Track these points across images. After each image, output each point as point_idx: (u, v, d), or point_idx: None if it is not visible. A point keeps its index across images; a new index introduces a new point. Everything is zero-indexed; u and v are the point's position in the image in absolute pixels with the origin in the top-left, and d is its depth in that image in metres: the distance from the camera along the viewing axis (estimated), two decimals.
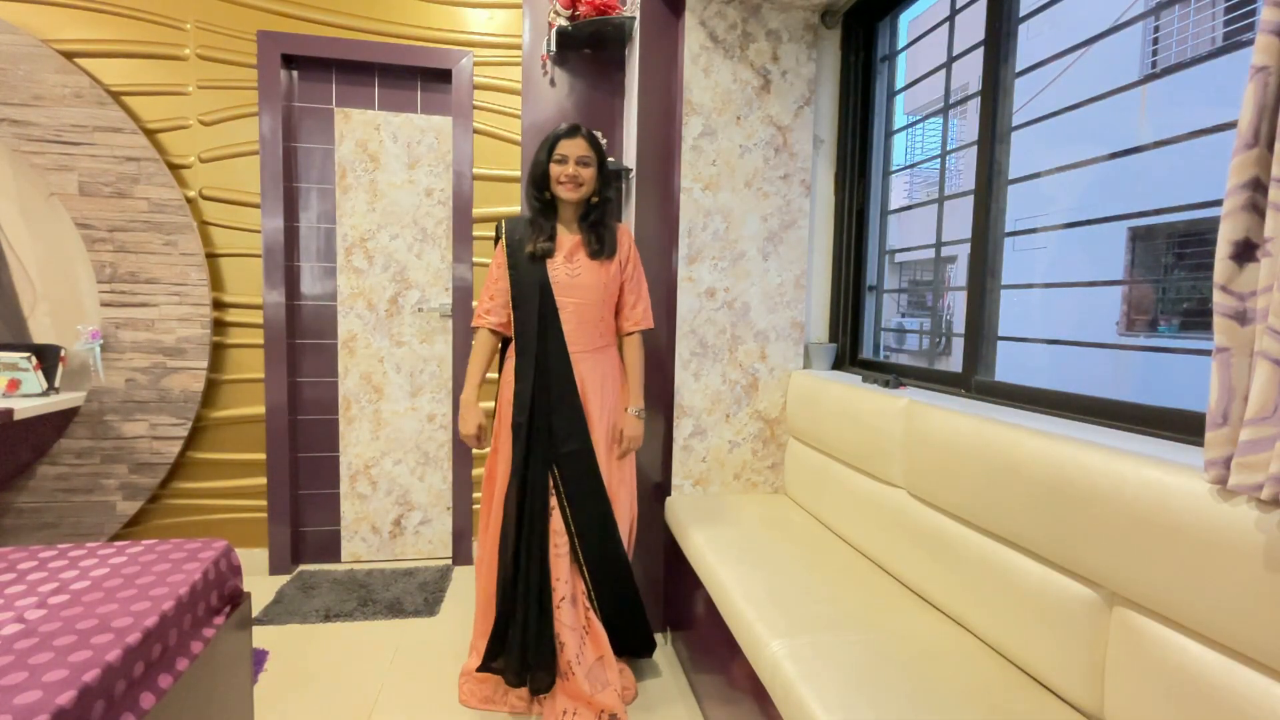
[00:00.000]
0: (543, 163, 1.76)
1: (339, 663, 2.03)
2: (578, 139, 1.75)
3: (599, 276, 1.78)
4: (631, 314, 1.85)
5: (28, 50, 2.31)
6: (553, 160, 1.75)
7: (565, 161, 1.74)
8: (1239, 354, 0.81)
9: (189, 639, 1.25)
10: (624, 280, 1.83)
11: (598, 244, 1.78)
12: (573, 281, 1.76)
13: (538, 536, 1.73)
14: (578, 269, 1.77)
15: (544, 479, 1.74)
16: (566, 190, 1.74)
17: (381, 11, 2.58)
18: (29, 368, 2.23)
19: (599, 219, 1.81)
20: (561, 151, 1.74)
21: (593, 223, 1.81)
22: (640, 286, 1.87)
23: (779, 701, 1.17)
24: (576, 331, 1.77)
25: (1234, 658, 0.83)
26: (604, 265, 1.78)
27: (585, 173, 1.75)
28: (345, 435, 2.74)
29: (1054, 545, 1.09)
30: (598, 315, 1.79)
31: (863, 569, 1.62)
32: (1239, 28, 6.14)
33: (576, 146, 1.74)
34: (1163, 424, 1.17)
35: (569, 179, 1.74)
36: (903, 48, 2.19)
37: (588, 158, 1.75)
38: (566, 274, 1.76)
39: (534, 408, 1.73)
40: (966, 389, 1.67)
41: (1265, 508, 0.78)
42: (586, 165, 1.75)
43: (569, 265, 1.77)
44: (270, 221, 2.55)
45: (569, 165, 1.73)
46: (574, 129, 1.76)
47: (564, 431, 1.74)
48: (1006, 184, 1.61)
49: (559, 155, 1.74)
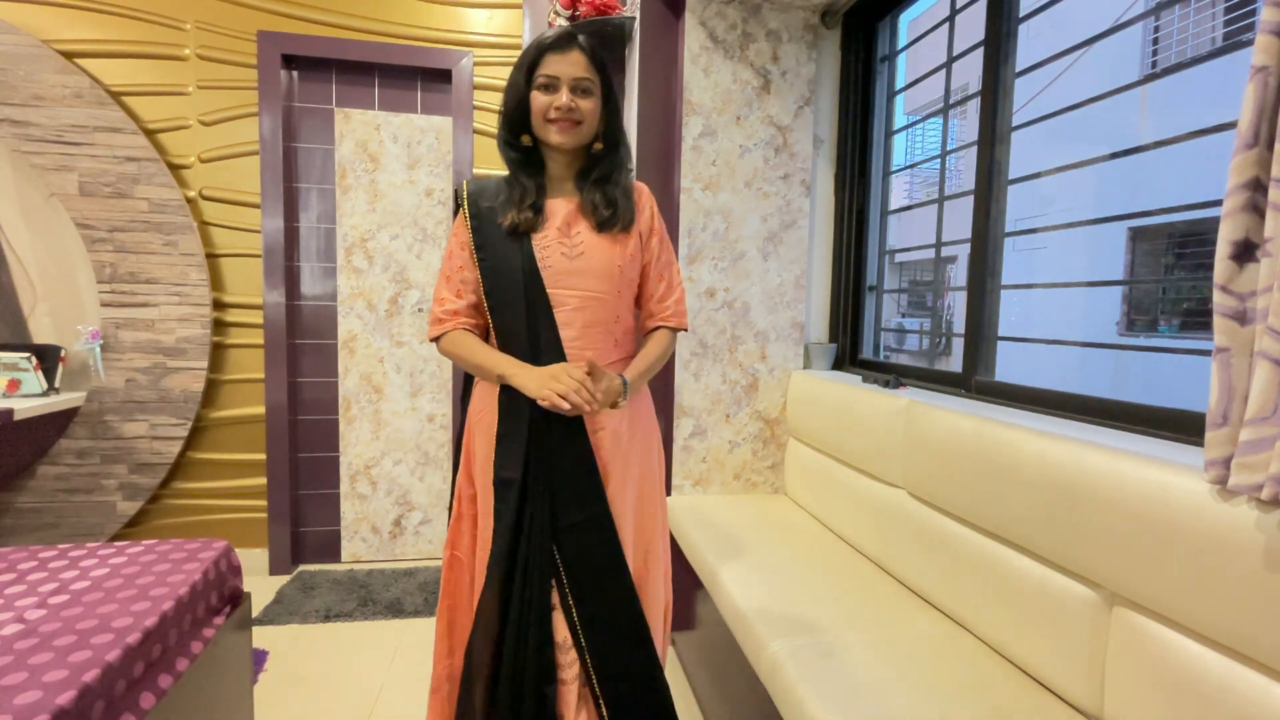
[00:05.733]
0: (520, 89, 1.17)
1: (339, 663, 2.03)
2: (573, 52, 1.15)
3: (612, 256, 1.21)
4: (659, 308, 1.29)
5: (28, 50, 2.31)
6: (535, 85, 1.16)
7: (555, 88, 1.15)
8: (1239, 354, 0.81)
9: (189, 639, 1.25)
10: (647, 260, 1.27)
11: (608, 209, 1.20)
12: (573, 265, 1.19)
13: (533, 655, 1.12)
14: (579, 246, 1.20)
15: (540, 566, 1.14)
16: (557, 132, 1.17)
17: (381, 11, 2.58)
18: (29, 368, 2.23)
19: (607, 174, 1.22)
20: (548, 71, 1.15)
21: (598, 179, 1.22)
22: (670, 270, 1.30)
23: (779, 701, 1.17)
24: (581, 338, 1.19)
25: (1234, 658, 0.83)
26: (618, 240, 1.22)
27: (585, 105, 1.16)
28: (345, 435, 2.74)
29: (1054, 545, 1.09)
30: (611, 313, 1.22)
31: (863, 569, 1.62)
32: (1239, 28, 6.14)
33: (571, 64, 1.15)
34: (1163, 424, 1.17)
35: (561, 115, 1.15)
36: (903, 48, 2.19)
37: (588, 82, 1.16)
38: (563, 254, 1.19)
39: (529, 457, 1.15)
40: (966, 389, 1.67)
41: (1265, 508, 0.78)
42: (587, 94, 1.17)
43: (565, 241, 1.20)
44: (270, 221, 2.55)
45: (560, 93, 1.14)
46: (567, 37, 1.16)
47: (567, 492, 1.16)
48: (1006, 184, 1.61)
49: (544, 77, 1.15)
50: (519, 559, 1.15)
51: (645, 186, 1.31)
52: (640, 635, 1.20)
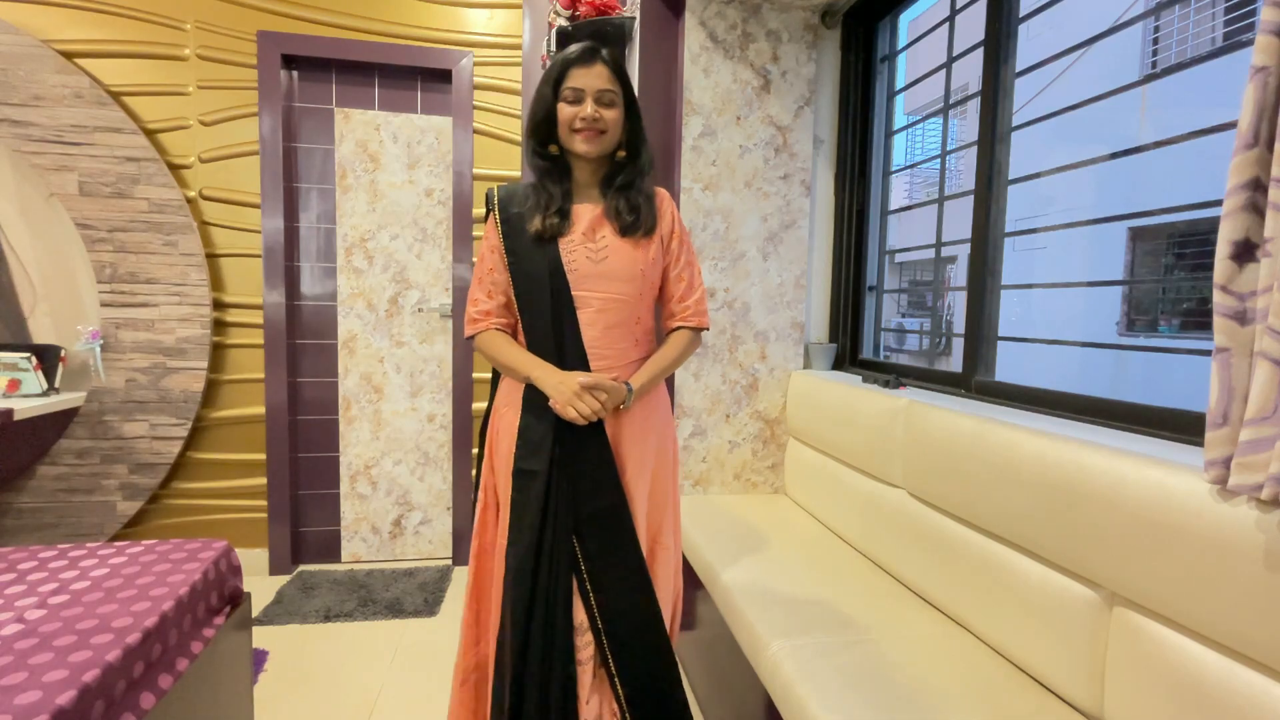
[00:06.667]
0: (548, 100, 1.27)
1: (339, 663, 2.03)
2: (596, 65, 1.24)
3: (634, 259, 1.29)
4: (680, 308, 1.36)
5: (28, 50, 2.31)
6: (561, 98, 1.26)
7: (580, 99, 1.24)
8: (1239, 354, 0.81)
9: (189, 639, 1.25)
10: (668, 263, 1.36)
11: (631, 214, 1.29)
12: (597, 268, 1.27)
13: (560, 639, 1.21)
14: (603, 250, 1.28)
15: (564, 553, 1.23)
16: (583, 141, 1.25)
17: (381, 11, 2.58)
18: (29, 368, 2.23)
19: (630, 181, 1.32)
20: (574, 84, 1.24)
21: (622, 186, 1.31)
22: (691, 271, 1.38)
23: (779, 701, 1.17)
24: (603, 339, 1.28)
25: (1234, 658, 0.83)
26: (640, 245, 1.30)
27: (609, 115, 1.25)
28: (345, 435, 2.74)
29: (1054, 545, 1.09)
30: (632, 314, 1.31)
31: (863, 569, 1.62)
32: (1239, 28, 6.14)
33: (596, 76, 1.24)
34: (1163, 424, 1.17)
35: (586, 124, 1.24)
36: (903, 48, 2.19)
37: (611, 94, 1.25)
38: (588, 258, 1.27)
39: (553, 451, 1.24)
40: (966, 389, 1.67)
41: (1265, 508, 0.78)
42: (611, 105, 1.25)
43: (590, 245, 1.28)
44: (270, 222, 2.55)
45: (585, 104, 1.24)
46: (591, 51, 1.25)
47: (589, 483, 1.25)
48: (1006, 184, 1.61)
49: (570, 90, 1.24)
50: (544, 548, 1.23)
51: (666, 192, 1.39)
52: (654, 621, 1.28)
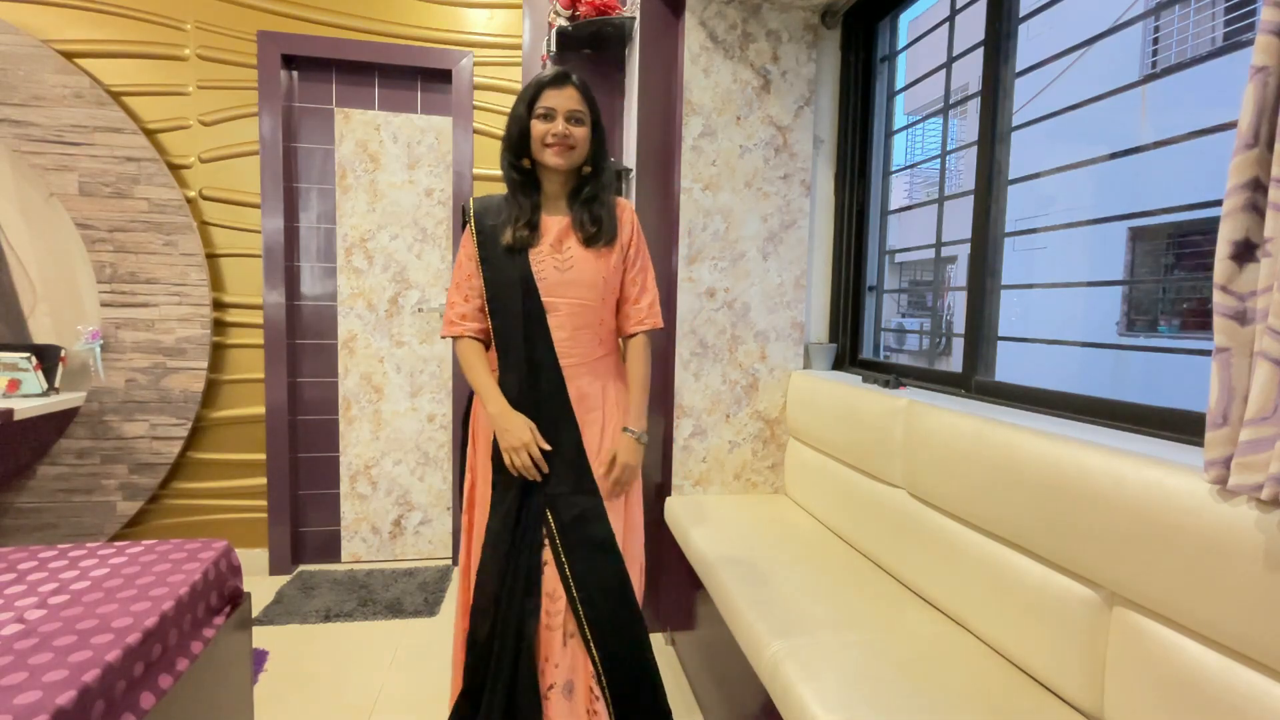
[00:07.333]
0: (523, 119, 1.39)
1: (339, 663, 2.03)
2: (567, 88, 1.37)
3: (597, 268, 1.42)
4: (635, 310, 1.49)
5: (28, 50, 2.31)
6: (535, 115, 1.38)
7: (552, 117, 1.36)
8: (1239, 354, 0.81)
9: (189, 639, 1.25)
10: (626, 267, 1.48)
11: (594, 226, 1.42)
12: (564, 277, 1.41)
13: (518, 601, 1.36)
14: (569, 260, 1.41)
15: (537, 526, 1.39)
16: (554, 155, 1.37)
17: (381, 11, 2.58)
18: (29, 368, 2.23)
19: (594, 194, 1.44)
20: (547, 104, 1.36)
21: (586, 199, 1.44)
22: (646, 275, 1.51)
23: (779, 701, 1.17)
24: (571, 340, 1.42)
25: (1234, 658, 0.83)
26: (602, 253, 1.43)
27: (578, 132, 1.38)
28: (345, 435, 2.74)
29: (1054, 545, 1.09)
30: (596, 316, 1.44)
31: (863, 569, 1.62)
32: (1239, 28, 6.14)
33: (566, 98, 1.37)
34: (1163, 424, 1.17)
35: (557, 140, 1.36)
36: (903, 48, 2.19)
37: (580, 114, 1.38)
38: (555, 267, 1.41)
39: None
40: (966, 389, 1.67)
41: (1265, 508, 0.78)
42: (579, 123, 1.39)
43: (557, 255, 1.41)
44: (270, 222, 2.55)
45: (557, 122, 1.36)
46: (562, 75, 1.39)
47: (559, 466, 1.40)
48: (1006, 184, 1.61)
49: (543, 109, 1.37)
50: (521, 522, 1.38)
51: (627, 202, 1.54)
52: (624, 588, 1.41)
